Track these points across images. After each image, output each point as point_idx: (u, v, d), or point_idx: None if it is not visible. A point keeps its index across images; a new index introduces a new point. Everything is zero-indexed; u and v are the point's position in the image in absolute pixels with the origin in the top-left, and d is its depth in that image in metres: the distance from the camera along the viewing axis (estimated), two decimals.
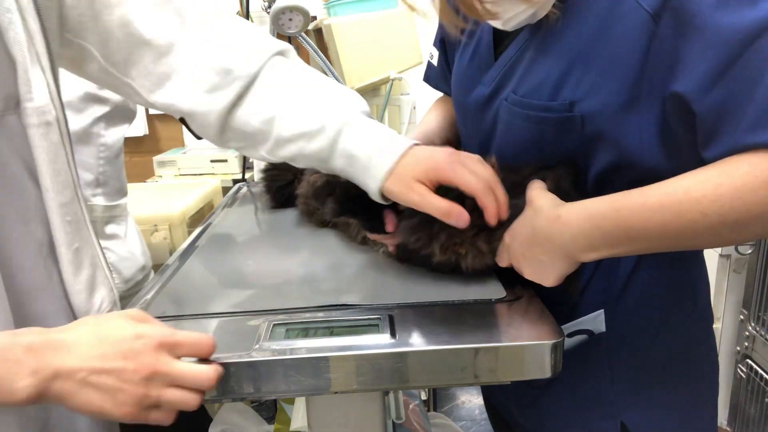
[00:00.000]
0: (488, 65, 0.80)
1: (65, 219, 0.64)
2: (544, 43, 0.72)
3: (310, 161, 0.76)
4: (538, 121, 0.71)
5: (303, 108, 0.75)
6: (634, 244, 0.62)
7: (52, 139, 0.63)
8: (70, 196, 0.65)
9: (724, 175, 0.56)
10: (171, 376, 0.54)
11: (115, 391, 0.52)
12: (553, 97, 0.70)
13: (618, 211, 0.62)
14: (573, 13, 0.69)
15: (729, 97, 0.58)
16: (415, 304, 0.70)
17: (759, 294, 1.68)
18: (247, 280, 0.82)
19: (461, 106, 0.87)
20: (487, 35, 0.81)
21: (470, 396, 2.33)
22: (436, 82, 1.00)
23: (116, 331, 0.54)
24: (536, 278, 0.69)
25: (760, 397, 1.68)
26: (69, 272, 0.65)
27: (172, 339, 0.55)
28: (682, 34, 0.60)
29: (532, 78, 0.72)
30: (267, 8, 1.51)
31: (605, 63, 0.66)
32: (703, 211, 0.56)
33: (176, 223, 1.53)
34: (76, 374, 0.52)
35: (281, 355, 0.60)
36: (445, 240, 0.73)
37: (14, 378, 0.50)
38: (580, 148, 0.71)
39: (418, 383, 0.61)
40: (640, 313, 0.77)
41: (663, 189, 0.60)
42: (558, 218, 0.65)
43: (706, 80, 0.59)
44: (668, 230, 0.59)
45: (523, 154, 0.75)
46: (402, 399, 1.30)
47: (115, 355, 0.53)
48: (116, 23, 0.70)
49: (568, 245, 0.64)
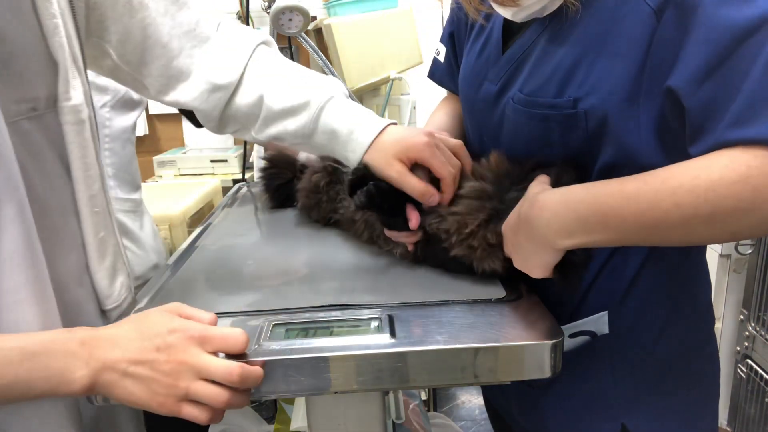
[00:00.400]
0: (496, 62, 0.80)
1: (93, 210, 0.70)
2: (552, 40, 0.72)
3: (295, 137, 0.80)
4: (544, 119, 0.71)
5: (288, 87, 0.80)
6: (609, 233, 0.61)
7: (85, 136, 0.68)
8: (98, 188, 0.70)
9: (702, 168, 0.56)
10: (197, 368, 0.56)
11: (150, 381, 0.56)
12: (558, 95, 0.70)
13: (595, 196, 0.61)
14: (581, 10, 0.69)
15: (717, 92, 0.58)
16: (415, 304, 0.70)
17: (759, 294, 1.68)
18: (247, 280, 0.82)
19: (468, 102, 0.87)
20: (497, 32, 0.81)
21: (470, 396, 2.33)
22: (440, 78, 1.00)
23: (153, 327, 0.58)
24: (523, 267, 0.68)
25: (760, 397, 1.68)
26: (94, 259, 0.71)
27: (203, 333, 0.58)
28: (683, 29, 0.60)
29: (538, 76, 0.72)
30: (267, 8, 1.51)
31: (609, 59, 0.66)
32: (678, 201, 0.56)
33: (176, 223, 1.53)
34: (119, 365, 0.57)
35: (281, 355, 0.60)
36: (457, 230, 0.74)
37: (72, 369, 0.56)
38: (585, 144, 0.71)
39: (418, 383, 0.61)
40: (643, 315, 0.77)
41: (642, 178, 0.60)
42: (536, 202, 0.65)
43: (697, 75, 0.59)
44: (643, 220, 0.58)
45: (530, 151, 0.75)
46: (402, 399, 1.30)
47: (150, 348, 0.57)
48: (137, 26, 0.74)
49: (544, 229, 0.64)
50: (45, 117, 0.64)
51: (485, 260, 0.73)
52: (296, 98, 0.78)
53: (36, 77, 0.63)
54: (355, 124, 0.78)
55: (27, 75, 0.62)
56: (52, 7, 0.62)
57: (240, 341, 0.58)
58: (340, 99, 0.80)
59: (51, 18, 0.62)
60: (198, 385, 0.56)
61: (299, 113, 0.79)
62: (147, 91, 0.79)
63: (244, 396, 0.59)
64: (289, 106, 0.78)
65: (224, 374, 0.56)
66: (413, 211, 0.78)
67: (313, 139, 0.80)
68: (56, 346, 0.56)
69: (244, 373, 0.57)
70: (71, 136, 0.66)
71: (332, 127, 0.78)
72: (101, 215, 0.71)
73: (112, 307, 0.74)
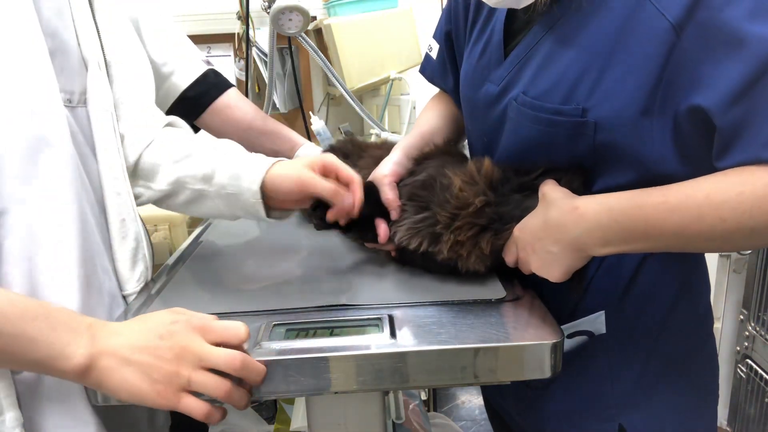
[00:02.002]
0: (498, 63, 0.79)
1: (114, 191, 0.75)
2: (557, 43, 0.71)
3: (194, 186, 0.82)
4: (549, 124, 0.70)
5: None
6: (647, 242, 0.62)
7: (107, 127, 0.75)
8: (119, 173, 0.76)
9: (747, 184, 0.57)
10: (199, 355, 0.57)
11: (151, 369, 0.57)
12: (565, 101, 0.69)
13: (639, 207, 0.62)
14: (588, 15, 0.68)
15: (751, 110, 0.58)
16: (415, 304, 0.70)
17: (759, 294, 1.68)
18: (247, 280, 0.82)
19: (469, 102, 0.86)
20: (498, 34, 0.80)
21: (470, 396, 2.33)
22: (431, 75, 0.99)
23: (157, 319, 0.61)
24: (543, 271, 0.68)
25: (760, 397, 1.68)
26: (116, 240, 0.75)
27: (205, 323, 0.59)
28: (707, 47, 0.60)
29: (545, 79, 0.71)
30: (267, 8, 1.51)
31: (621, 70, 0.65)
32: (723, 216, 0.57)
33: (176, 223, 1.52)
34: (121, 351, 0.57)
35: (281, 355, 0.60)
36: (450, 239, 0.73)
37: (74, 345, 0.57)
38: (589, 153, 0.70)
39: (418, 383, 0.61)
40: (642, 316, 0.77)
41: (683, 190, 0.60)
42: (575, 209, 0.65)
43: (731, 95, 0.59)
44: (685, 231, 0.59)
45: (530, 155, 0.75)
46: (402, 399, 1.30)
47: (153, 336, 0.58)
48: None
49: (583, 236, 0.64)
50: (77, 109, 0.73)
51: (472, 264, 0.73)
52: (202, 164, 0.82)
53: (72, 73, 0.72)
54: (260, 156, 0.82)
55: (66, 70, 0.71)
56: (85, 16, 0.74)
57: (240, 332, 0.59)
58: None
59: (84, 24, 0.74)
60: (199, 374, 0.57)
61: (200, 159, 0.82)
62: None
63: (245, 393, 0.59)
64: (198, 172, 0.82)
65: (226, 361, 0.57)
66: (382, 224, 0.80)
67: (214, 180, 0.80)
68: (67, 318, 0.58)
69: (246, 362, 0.58)
70: (97, 126, 0.74)
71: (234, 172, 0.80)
72: (122, 198, 0.76)
73: (131, 293, 0.76)
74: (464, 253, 0.73)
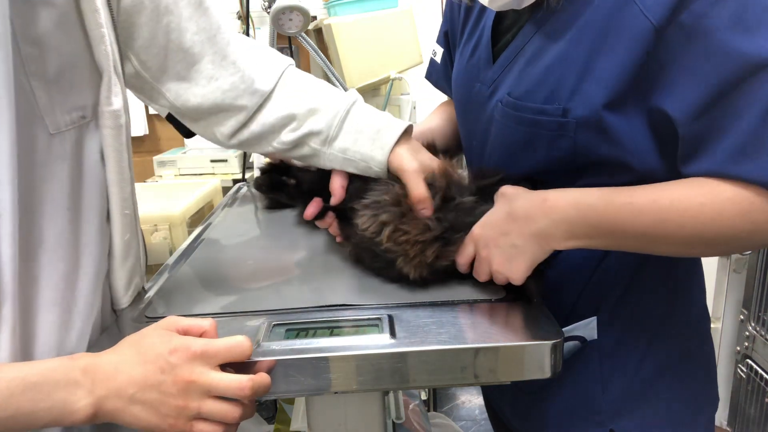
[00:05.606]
0: (487, 62, 0.79)
1: (123, 212, 0.71)
2: (541, 45, 0.71)
3: (316, 143, 0.82)
4: (531, 124, 0.70)
5: (314, 94, 0.83)
6: (611, 239, 0.64)
7: (121, 141, 0.69)
8: (129, 192, 0.72)
9: (709, 196, 0.60)
10: (206, 386, 0.55)
11: (159, 404, 0.55)
12: (547, 101, 0.69)
13: (606, 205, 0.63)
14: (573, 15, 0.68)
15: (720, 120, 0.59)
16: (415, 304, 0.70)
17: (759, 294, 1.68)
18: (247, 280, 0.82)
19: (461, 103, 0.86)
20: (486, 35, 0.80)
21: (470, 396, 2.33)
22: (437, 79, 0.99)
23: (153, 348, 0.57)
24: (505, 267, 0.68)
25: (760, 397, 1.68)
26: (118, 260, 0.72)
27: (205, 349, 0.56)
28: (683, 52, 0.60)
29: (528, 80, 0.71)
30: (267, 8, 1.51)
31: (602, 70, 0.65)
32: (684, 224, 0.60)
33: (176, 223, 1.53)
34: (125, 391, 0.55)
35: (281, 355, 0.60)
36: (393, 231, 0.74)
37: (75, 398, 0.54)
38: (571, 152, 0.69)
39: (418, 383, 0.61)
40: (635, 321, 0.76)
41: (650, 194, 0.62)
42: (544, 201, 0.66)
43: (697, 108, 0.60)
44: (647, 233, 0.62)
45: (515, 156, 0.75)
46: (402, 399, 1.30)
47: (154, 369, 0.55)
48: (161, 31, 0.74)
49: (550, 228, 0.65)
50: (90, 124, 0.67)
51: (415, 265, 0.73)
52: (322, 101, 0.82)
53: (84, 86, 0.65)
54: (382, 123, 0.81)
55: (77, 84, 0.64)
56: (100, 18, 0.64)
57: (245, 348, 0.57)
58: (362, 103, 0.84)
59: (98, 28, 0.64)
60: (209, 404, 0.55)
61: (325, 113, 0.81)
62: (164, 99, 0.79)
63: (253, 406, 0.59)
64: (315, 107, 0.81)
65: (236, 390, 0.55)
66: (315, 203, 0.87)
67: (336, 143, 0.81)
68: (58, 375, 0.55)
69: (255, 386, 0.56)
70: (109, 140, 0.68)
71: (358, 127, 0.81)
72: (129, 218, 0.72)
73: (123, 308, 0.74)
74: (411, 252, 0.73)
